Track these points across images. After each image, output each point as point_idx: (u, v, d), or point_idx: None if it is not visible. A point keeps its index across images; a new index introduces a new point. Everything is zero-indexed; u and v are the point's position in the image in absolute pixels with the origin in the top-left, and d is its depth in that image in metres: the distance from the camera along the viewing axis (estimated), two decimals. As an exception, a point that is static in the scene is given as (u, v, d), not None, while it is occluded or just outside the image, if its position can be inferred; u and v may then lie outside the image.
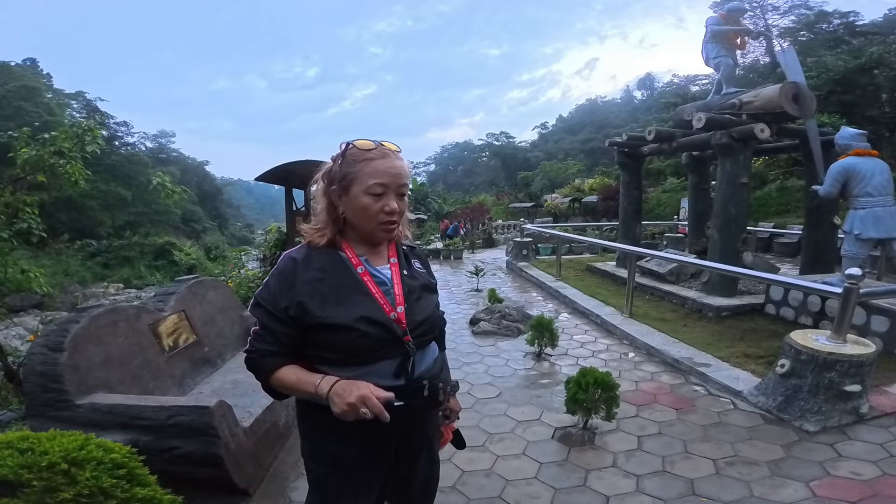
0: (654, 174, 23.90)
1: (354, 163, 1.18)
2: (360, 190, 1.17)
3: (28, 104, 26.01)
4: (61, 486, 1.37)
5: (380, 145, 1.21)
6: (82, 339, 2.27)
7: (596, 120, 58.19)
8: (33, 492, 1.34)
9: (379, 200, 1.18)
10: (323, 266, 1.21)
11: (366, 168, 1.17)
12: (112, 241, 26.94)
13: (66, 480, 1.39)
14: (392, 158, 1.20)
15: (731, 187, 5.90)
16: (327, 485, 1.28)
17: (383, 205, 1.18)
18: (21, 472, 1.36)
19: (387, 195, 1.18)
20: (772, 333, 4.72)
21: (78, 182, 4.35)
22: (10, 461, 1.38)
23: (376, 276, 1.26)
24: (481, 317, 5.74)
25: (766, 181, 17.10)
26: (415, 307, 1.27)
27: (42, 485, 1.35)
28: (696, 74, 39.43)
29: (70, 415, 2.10)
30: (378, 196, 1.17)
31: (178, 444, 2.07)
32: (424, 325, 1.29)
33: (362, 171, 1.17)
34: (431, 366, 1.33)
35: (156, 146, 41.50)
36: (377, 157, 1.18)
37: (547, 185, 35.25)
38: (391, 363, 1.21)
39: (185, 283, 3.49)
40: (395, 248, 1.35)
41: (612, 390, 2.92)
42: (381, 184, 1.17)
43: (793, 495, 2.38)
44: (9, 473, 1.35)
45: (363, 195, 1.17)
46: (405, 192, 1.24)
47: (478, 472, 2.65)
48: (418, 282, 1.35)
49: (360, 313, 1.17)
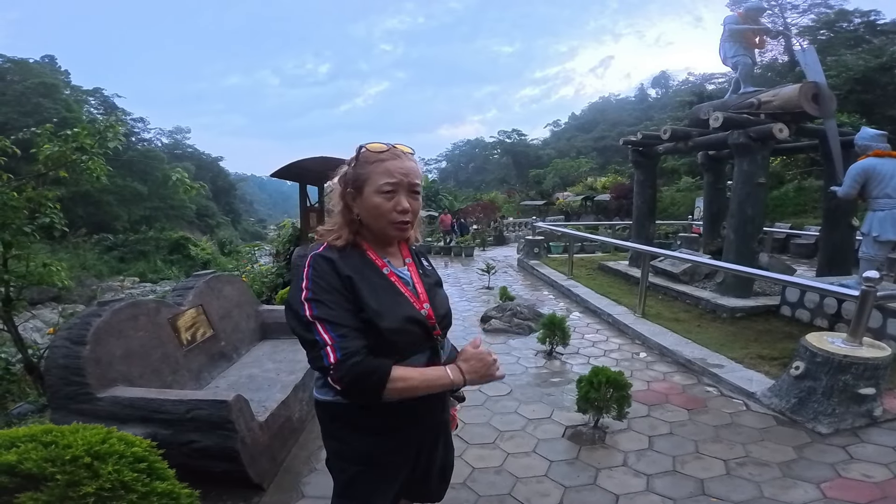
0: (669, 173, 23.69)
1: (367, 164, 1.20)
2: (373, 190, 1.19)
3: (47, 100, 26.46)
4: (84, 479, 1.38)
5: (392, 147, 1.23)
6: (104, 332, 2.31)
7: (609, 118, 57.79)
8: (57, 486, 1.36)
9: (391, 199, 1.19)
10: (356, 266, 1.22)
11: (377, 168, 1.19)
12: (128, 236, 27.36)
13: (88, 474, 1.40)
14: (403, 159, 1.22)
15: (748, 187, 5.83)
16: (361, 482, 1.29)
17: (395, 203, 1.20)
18: (45, 465, 1.37)
19: (398, 194, 1.20)
20: (787, 335, 4.66)
21: (99, 178, 4.43)
22: (34, 454, 1.40)
23: (401, 276, 1.29)
24: (492, 314, 5.75)
25: (783, 181, 16.91)
26: (436, 303, 1.32)
27: (65, 478, 1.37)
28: (712, 73, 39.03)
29: (91, 408, 2.14)
30: (389, 195, 1.19)
31: (196, 437, 2.11)
32: (446, 318, 1.36)
33: (374, 172, 1.19)
34: (451, 354, 1.38)
35: (171, 142, 42.06)
36: (389, 159, 1.20)
37: (559, 182, 35.07)
38: (422, 356, 1.26)
39: (202, 277, 3.54)
40: (407, 250, 1.39)
41: (623, 389, 2.93)
42: (392, 182, 1.19)
43: (803, 496, 2.38)
44: (33, 467, 1.36)
45: (375, 195, 1.19)
46: (418, 192, 1.25)
47: (488, 470, 2.66)
48: (432, 279, 1.40)
49: (403, 313, 1.21)
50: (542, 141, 63.36)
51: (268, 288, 7.14)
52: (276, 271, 8.30)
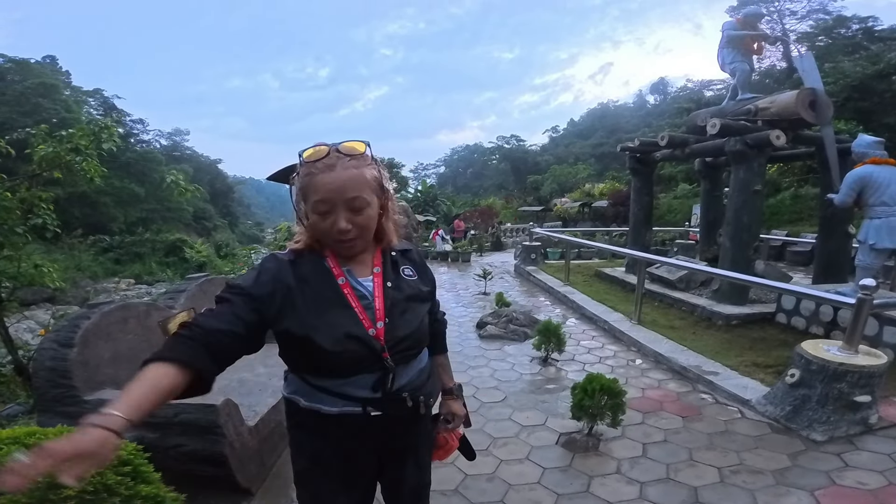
0: (666, 180, 23.76)
1: (304, 177, 1.10)
2: (309, 208, 1.10)
3: (46, 101, 26.43)
4: None
5: (329, 153, 1.09)
6: (92, 335, 2.29)
7: (607, 124, 58.08)
8: (37, 488, 1.31)
9: (326, 218, 1.09)
10: (305, 274, 1.15)
11: (310, 184, 1.09)
12: (124, 237, 27.27)
13: None
14: (338, 170, 1.08)
15: (745, 195, 5.82)
16: (307, 479, 1.28)
17: (331, 223, 1.09)
18: None
19: (334, 212, 1.08)
20: (782, 343, 4.65)
21: (94, 179, 4.41)
22: None
23: (357, 288, 1.18)
24: (488, 320, 5.73)
25: (779, 189, 16.94)
26: (398, 322, 1.20)
27: (46, 481, 1.33)
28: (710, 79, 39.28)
29: (78, 410, 2.10)
30: (324, 215, 1.09)
31: (183, 441, 2.08)
32: (407, 340, 1.22)
33: (309, 187, 1.09)
34: (415, 378, 1.26)
35: (170, 144, 42.01)
36: (320, 171, 1.08)
37: (556, 188, 35.15)
38: (369, 377, 1.17)
39: (195, 280, 3.53)
40: (380, 256, 1.26)
41: (618, 397, 2.91)
42: (323, 201, 1.08)
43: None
44: None
45: (312, 213, 1.10)
46: (359, 207, 1.11)
47: (480, 477, 2.64)
48: (404, 293, 1.25)
49: (339, 329, 1.12)
50: (541, 147, 63.55)
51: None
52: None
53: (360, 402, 1.16)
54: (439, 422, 1.46)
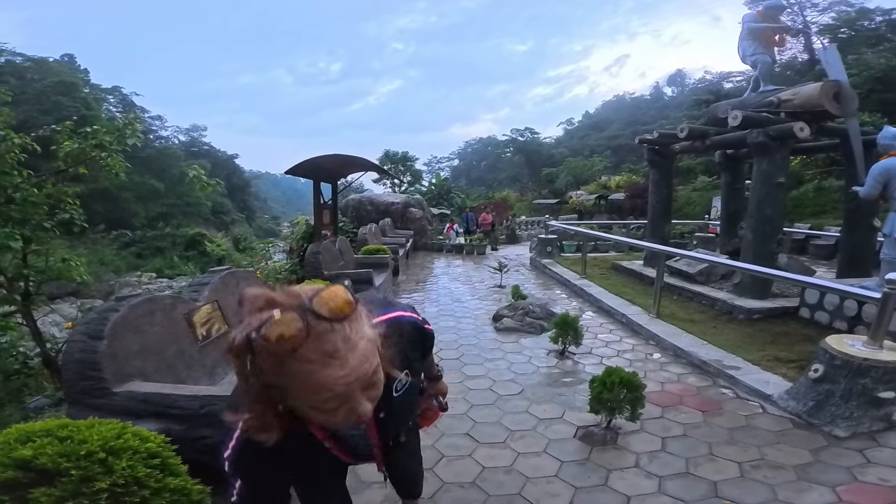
0: (685, 172, 23.40)
1: (277, 374, 0.72)
2: (304, 405, 0.78)
3: (66, 99, 26.88)
4: (98, 475, 1.38)
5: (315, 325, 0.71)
6: (121, 327, 2.33)
7: (623, 117, 57.36)
8: (70, 481, 1.35)
9: (337, 411, 0.79)
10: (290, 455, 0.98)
11: (300, 384, 0.73)
12: (146, 232, 27.76)
13: (102, 470, 1.40)
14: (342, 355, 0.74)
15: (767, 187, 5.74)
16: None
17: (347, 412, 0.80)
18: (59, 460, 1.37)
19: (348, 401, 0.78)
20: (805, 338, 4.57)
21: (118, 174, 4.50)
22: (49, 449, 1.40)
23: (349, 437, 1.08)
24: (504, 313, 5.73)
25: (802, 181, 16.64)
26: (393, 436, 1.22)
27: (79, 474, 1.36)
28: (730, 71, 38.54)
29: (107, 403, 2.14)
30: (335, 408, 0.78)
31: (208, 433, 2.08)
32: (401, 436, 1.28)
33: (296, 387, 0.74)
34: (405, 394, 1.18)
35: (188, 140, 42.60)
36: (315, 367, 0.72)
37: (571, 181, 34.83)
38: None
39: (217, 273, 3.57)
40: None
41: (637, 391, 2.89)
42: (335, 397, 0.76)
43: (818, 500, 2.34)
44: (47, 462, 1.37)
45: (311, 410, 0.79)
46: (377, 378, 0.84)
47: (498, 469, 2.66)
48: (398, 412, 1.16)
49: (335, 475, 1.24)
50: (555, 140, 63.00)
51: (281, 284, 7.22)
52: (289, 267, 8.39)
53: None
54: (429, 398, 1.58)
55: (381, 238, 11.11)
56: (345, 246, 7.57)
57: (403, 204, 15.56)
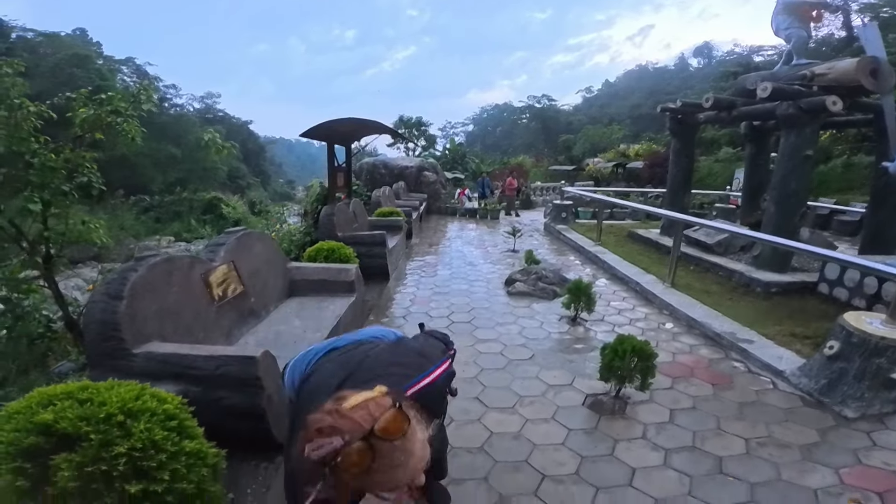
0: (708, 143, 22.73)
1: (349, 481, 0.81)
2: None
3: (80, 71, 26.68)
4: (116, 439, 1.41)
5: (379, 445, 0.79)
6: (140, 288, 2.34)
7: (645, 86, 55.56)
8: (90, 446, 1.38)
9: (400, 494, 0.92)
10: None
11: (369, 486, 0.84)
12: (163, 197, 28.04)
13: (121, 433, 1.42)
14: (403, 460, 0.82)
15: (794, 160, 5.67)
16: None
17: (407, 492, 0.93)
18: (79, 424, 1.40)
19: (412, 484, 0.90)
20: (822, 314, 4.51)
21: (135, 139, 4.50)
22: (70, 413, 1.42)
23: None
24: (517, 277, 5.72)
25: (830, 156, 16.31)
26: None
27: (99, 438, 1.39)
28: (760, 45, 36.72)
29: (127, 364, 2.17)
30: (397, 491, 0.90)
31: (224, 395, 2.14)
32: None
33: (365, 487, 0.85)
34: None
35: (203, 107, 42.34)
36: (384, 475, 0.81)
37: (589, 149, 34.11)
38: None
39: (233, 234, 3.60)
40: None
41: (649, 360, 2.88)
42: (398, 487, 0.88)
43: (820, 481, 2.34)
44: (68, 426, 1.39)
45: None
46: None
47: (506, 435, 2.69)
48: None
49: None
50: (574, 107, 61.25)
51: (296, 246, 7.28)
52: (304, 230, 8.48)
53: None
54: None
55: (394, 201, 11.13)
56: (359, 208, 7.59)
57: (417, 167, 15.49)
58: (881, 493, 2.24)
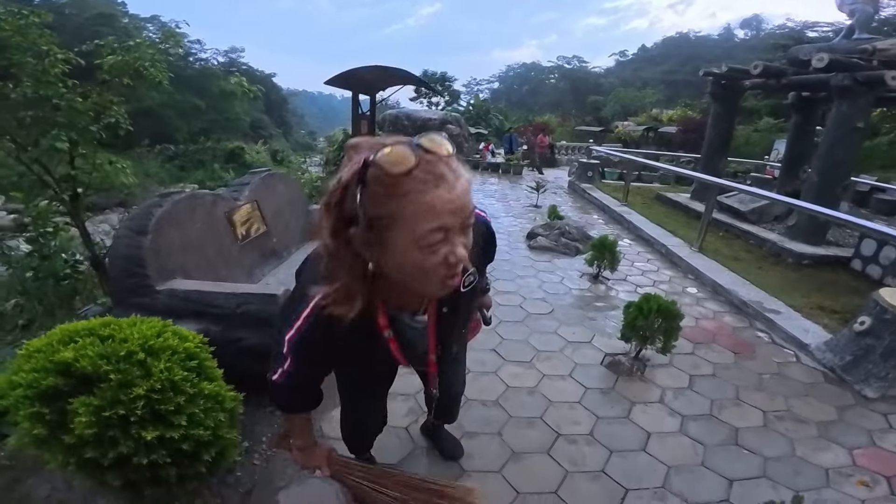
0: (747, 112, 21.71)
1: (389, 198, 0.74)
2: (408, 241, 0.76)
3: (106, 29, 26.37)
4: (136, 379, 1.35)
5: (423, 155, 0.74)
6: (165, 223, 2.31)
7: (684, 53, 53.14)
8: (109, 387, 1.32)
9: (438, 251, 0.78)
10: (349, 343, 1.03)
11: (413, 205, 0.73)
12: (188, 147, 28.33)
13: (140, 373, 1.37)
14: (450, 180, 0.75)
15: (843, 130, 5.50)
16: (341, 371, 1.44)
17: (446, 255, 0.78)
18: (99, 363, 1.34)
19: (449, 239, 0.78)
20: (853, 290, 4.37)
21: (161, 83, 4.48)
22: (91, 350, 1.37)
23: (407, 331, 1.11)
24: (539, 231, 5.65)
25: (877, 133, 15.85)
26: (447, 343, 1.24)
27: (118, 378, 1.33)
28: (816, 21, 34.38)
29: (150, 301, 2.14)
30: (436, 246, 0.77)
31: (244, 335, 2.10)
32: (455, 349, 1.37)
33: (406, 212, 0.74)
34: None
35: (227, 60, 41.82)
36: (431, 186, 0.73)
37: (619, 111, 32.94)
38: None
39: (258, 174, 3.59)
40: None
41: (674, 321, 2.79)
42: (441, 227, 0.76)
43: (832, 461, 2.28)
44: (88, 365, 1.33)
45: (413, 247, 0.77)
46: (470, 224, 0.82)
47: (522, 389, 2.67)
48: (461, 313, 1.20)
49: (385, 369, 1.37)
50: (605, 70, 58.98)
51: (317, 191, 7.34)
52: (325, 176, 8.55)
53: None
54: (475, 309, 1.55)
55: (416, 151, 11.00)
56: (381, 156, 7.57)
57: (441, 120, 15.34)
58: (890, 478, 2.18)
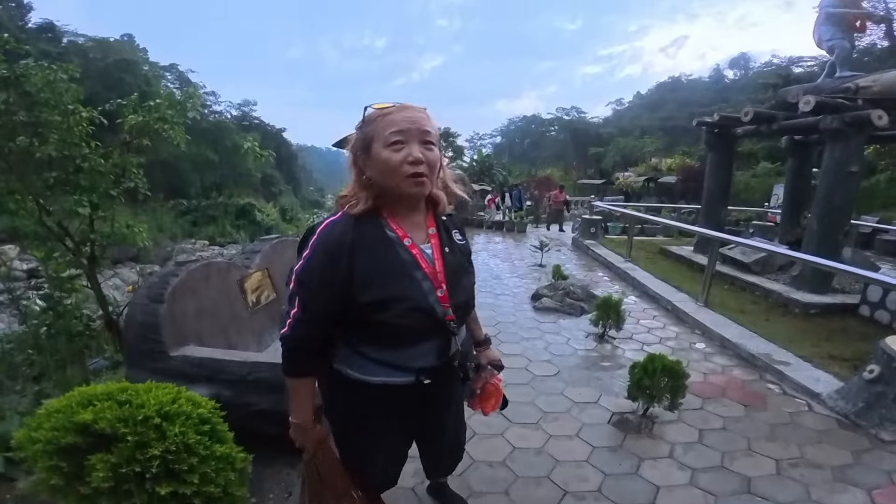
0: (745, 157, 22.16)
1: (373, 122, 1.15)
2: (380, 145, 1.13)
3: (128, 76, 27.97)
4: (152, 441, 1.41)
5: (397, 103, 1.17)
6: (180, 291, 2.43)
7: (679, 98, 54.68)
8: (126, 447, 1.39)
9: (400, 150, 1.11)
10: (368, 242, 1.16)
11: (382, 122, 1.13)
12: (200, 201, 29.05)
13: (156, 435, 1.43)
14: (411, 110, 1.15)
15: (839, 175, 5.52)
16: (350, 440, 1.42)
17: (405, 155, 1.11)
18: (118, 425, 1.41)
19: (408, 144, 1.12)
20: (862, 336, 4.33)
21: (179, 145, 4.72)
22: (109, 413, 1.43)
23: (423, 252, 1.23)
24: (544, 292, 5.68)
25: (874, 171, 15.83)
26: (456, 288, 1.25)
27: (135, 439, 1.40)
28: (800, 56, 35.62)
29: (164, 366, 2.20)
30: (397, 146, 1.12)
31: (254, 399, 2.15)
32: (464, 306, 1.32)
33: (379, 127, 1.13)
34: (465, 343, 1.38)
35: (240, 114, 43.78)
36: (394, 112, 1.14)
37: (619, 161, 33.73)
38: (432, 344, 1.24)
39: (268, 241, 3.72)
40: (433, 220, 1.29)
41: (680, 379, 2.81)
42: (399, 131, 1.12)
43: (851, 501, 2.26)
44: (106, 426, 1.40)
45: (383, 149, 1.12)
46: (430, 141, 1.15)
47: (528, 450, 2.66)
48: (457, 258, 1.31)
49: (408, 302, 1.16)
50: (604, 119, 60.75)
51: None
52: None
53: (413, 371, 1.23)
54: (485, 371, 1.50)
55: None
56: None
57: (447, 180, 15.56)
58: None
